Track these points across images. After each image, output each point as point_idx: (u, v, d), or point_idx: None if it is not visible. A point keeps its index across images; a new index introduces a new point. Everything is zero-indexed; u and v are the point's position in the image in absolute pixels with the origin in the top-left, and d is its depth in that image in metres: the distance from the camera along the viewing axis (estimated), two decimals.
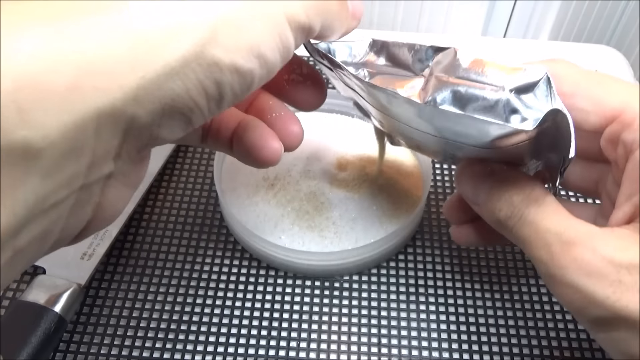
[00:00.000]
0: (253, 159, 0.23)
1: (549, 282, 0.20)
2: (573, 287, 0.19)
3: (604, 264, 0.19)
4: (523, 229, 0.21)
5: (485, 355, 0.30)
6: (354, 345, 0.30)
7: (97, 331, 0.30)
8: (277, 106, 0.24)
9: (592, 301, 0.19)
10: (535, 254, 0.21)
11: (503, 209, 0.22)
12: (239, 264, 0.33)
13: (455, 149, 0.23)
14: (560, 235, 0.20)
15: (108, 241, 0.33)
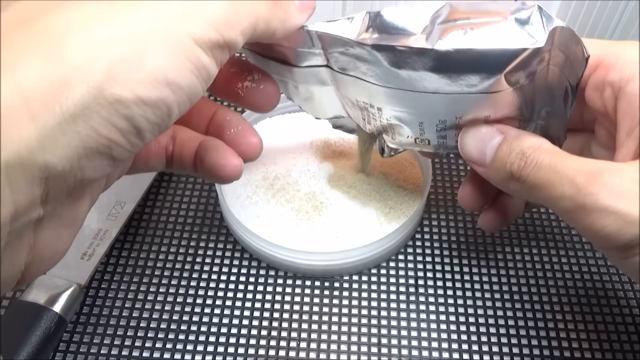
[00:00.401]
0: (216, 176, 0.24)
1: (578, 214, 0.20)
2: (606, 211, 0.19)
3: (635, 185, 0.19)
4: (540, 173, 0.21)
5: (485, 355, 0.30)
6: (354, 345, 0.30)
7: (97, 331, 0.30)
8: (235, 121, 0.25)
9: (627, 221, 0.19)
10: (557, 192, 0.21)
11: (515, 161, 0.22)
12: (239, 264, 0.33)
13: (460, 109, 0.23)
14: (582, 169, 0.20)
15: (108, 241, 0.32)
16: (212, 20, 0.17)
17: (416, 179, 0.35)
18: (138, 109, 0.17)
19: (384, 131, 0.27)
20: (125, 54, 0.16)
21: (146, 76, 0.16)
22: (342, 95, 0.27)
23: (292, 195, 0.34)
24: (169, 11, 0.17)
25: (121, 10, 0.16)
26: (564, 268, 0.33)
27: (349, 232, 0.33)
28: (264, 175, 0.35)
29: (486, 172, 0.24)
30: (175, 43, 0.17)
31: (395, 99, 0.24)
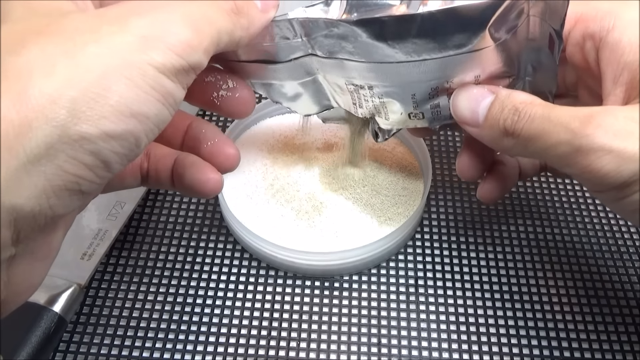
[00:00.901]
0: (198, 193, 0.24)
1: (575, 157, 0.20)
2: (603, 150, 0.19)
3: (629, 123, 0.20)
4: (534, 124, 0.21)
5: (485, 355, 0.30)
6: (354, 345, 0.30)
7: (97, 331, 0.30)
8: (211, 133, 0.25)
9: (625, 157, 0.19)
10: (552, 139, 0.21)
11: (508, 117, 0.22)
12: (239, 264, 0.33)
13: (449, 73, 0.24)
14: (575, 115, 0.20)
15: (108, 241, 0.32)
16: (173, 46, 0.17)
17: (416, 178, 0.35)
18: (104, 144, 0.17)
19: (377, 112, 0.27)
20: (87, 91, 0.16)
21: (110, 110, 0.16)
22: (330, 83, 0.27)
23: (292, 195, 0.34)
24: (130, 42, 0.17)
25: (82, 47, 0.16)
26: (564, 268, 0.33)
27: (348, 232, 0.33)
28: (263, 175, 0.35)
29: (479, 132, 0.24)
30: (137, 73, 0.17)
31: (385, 74, 0.24)
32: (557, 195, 0.37)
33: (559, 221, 0.36)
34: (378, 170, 0.35)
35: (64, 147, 0.16)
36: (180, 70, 0.18)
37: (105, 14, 0.17)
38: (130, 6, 0.18)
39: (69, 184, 0.16)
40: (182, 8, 0.18)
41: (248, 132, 0.39)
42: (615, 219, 0.36)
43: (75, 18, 0.17)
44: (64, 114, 0.16)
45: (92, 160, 0.17)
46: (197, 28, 0.18)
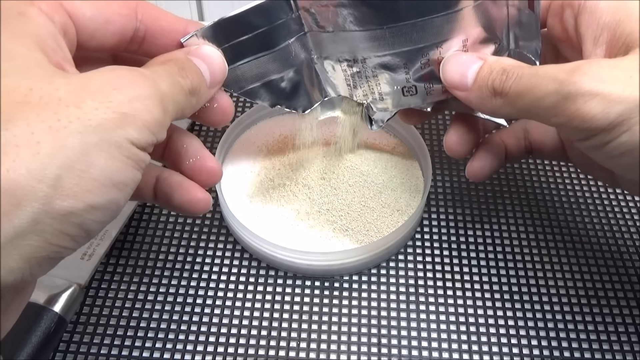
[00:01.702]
0: (187, 213, 0.25)
1: (563, 105, 0.21)
2: (590, 94, 0.20)
3: (614, 70, 0.21)
4: (522, 81, 0.22)
5: (485, 355, 0.30)
6: (354, 345, 0.30)
7: (97, 331, 0.30)
8: (192, 149, 0.25)
9: (611, 99, 0.20)
10: (541, 91, 0.22)
11: (497, 77, 0.23)
12: (239, 264, 0.33)
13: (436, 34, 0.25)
14: (562, 68, 0.21)
15: (108, 241, 0.32)
16: (148, 123, 0.19)
17: (416, 178, 0.35)
18: (89, 215, 0.17)
19: (371, 93, 0.28)
20: (72, 168, 0.17)
21: (94, 184, 0.17)
22: (325, 66, 0.28)
23: (292, 195, 0.34)
24: (109, 120, 0.18)
25: (65, 124, 0.17)
26: (564, 268, 0.33)
27: (349, 232, 0.33)
28: (263, 175, 0.35)
29: (467, 95, 0.25)
30: (116, 148, 0.18)
31: (378, 41, 0.25)
32: (557, 196, 0.37)
33: (559, 221, 0.36)
34: (378, 170, 0.35)
35: (51, 221, 0.17)
36: (150, 144, 0.19)
37: (88, 84, 0.18)
38: (111, 78, 0.18)
39: (52, 253, 0.17)
40: (156, 86, 0.19)
41: (248, 132, 0.39)
42: (616, 218, 0.36)
43: (59, 87, 0.17)
44: (50, 191, 0.16)
45: (77, 231, 0.18)
46: (165, 108, 0.20)
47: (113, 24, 0.22)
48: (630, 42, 0.22)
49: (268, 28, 0.25)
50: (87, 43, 0.21)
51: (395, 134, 0.38)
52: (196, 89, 0.22)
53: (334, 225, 0.33)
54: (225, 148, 0.37)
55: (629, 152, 0.21)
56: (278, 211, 0.34)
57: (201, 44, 0.24)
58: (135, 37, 0.23)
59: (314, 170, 0.35)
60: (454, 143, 0.28)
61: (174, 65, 0.22)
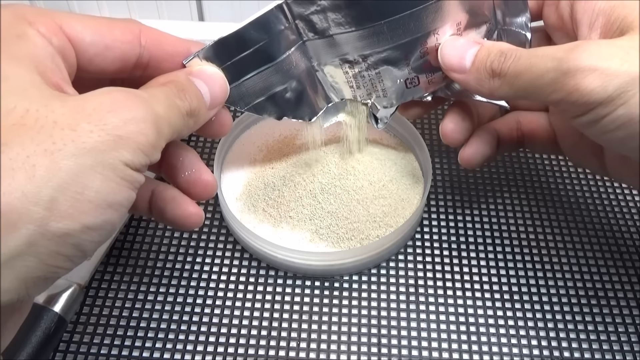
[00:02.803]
0: (180, 226, 0.25)
1: (562, 80, 0.22)
2: (589, 69, 0.21)
3: (611, 48, 0.22)
4: (520, 61, 0.23)
5: (485, 355, 0.30)
6: (354, 345, 0.30)
7: (97, 331, 0.30)
8: (188, 162, 0.25)
9: (609, 73, 0.21)
10: (540, 69, 0.23)
11: (495, 59, 0.24)
12: (239, 264, 0.33)
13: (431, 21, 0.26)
14: (560, 47, 0.22)
15: (108, 241, 0.32)
16: (143, 146, 0.19)
17: (416, 179, 0.35)
18: (85, 236, 0.18)
19: (374, 90, 0.29)
20: (67, 190, 0.17)
21: (89, 206, 0.18)
22: (326, 72, 0.29)
23: (292, 195, 0.34)
24: (103, 142, 0.18)
25: (60, 146, 0.17)
26: (564, 268, 0.33)
27: (349, 232, 0.33)
28: (263, 175, 0.35)
29: (465, 77, 0.26)
30: (110, 170, 0.18)
31: (377, 37, 0.26)
32: (557, 196, 0.37)
33: (559, 221, 0.36)
34: (378, 170, 0.35)
35: (47, 243, 0.17)
36: (144, 165, 0.19)
37: (83, 107, 0.18)
38: (106, 100, 0.19)
39: (49, 274, 0.18)
40: (151, 109, 0.19)
41: (248, 132, 0.39)
42: (616, 218, 0.36)
43: (55, 109, 0.18)
44: (45, 213, 0.17)
45: (74, 251, 0.18)
46: (160, 130, 0.20)
47: (114, 50, 0.22)
48: (624, 26, 0.23)
49: (267, 41, 0.26)
50: (87, 67, 0.21)
51: (395, 133, 0.38)
52: (194, 110, 0.22)
53: (334, 225, 0.33)
54: (225, 148, 0.37)
55: (624, 125, 0.22)
56: (278, 211, 0.34)
57: (203, 65, 0.24)
58: (139, 62, 0.23)
59: (314, 170, 0.35)
60: (449, 130, 0.29)
61: (174, 87, 0.22)
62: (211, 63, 0.25)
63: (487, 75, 0.25)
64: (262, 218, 0.34)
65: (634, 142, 0.22)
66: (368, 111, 0.31)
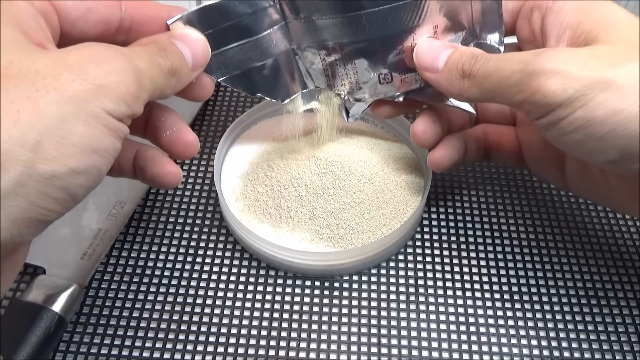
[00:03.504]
0: (159, 184, 0.26)
1: (526, 81, 0.23)
2: (552, 71, 0.22)
3: (575, 54, 0.23)
4: (490, 63, 0.25)
5: (485, 355, 0.30)
6: (354, 345, 0.30)
7: (97, 331, 0.30)
8: (170, 122, 0.26)
9: (570, 76, 0.22)
10: (506, 71, 0.24)
11: (466, 61, 0.26)
12: (239, 264, 0.33)
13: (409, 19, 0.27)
14: (527, 53, 0.24)
15: (108, 241, 0.33)
16: (123, 96, 0.20)
17: (416, 178, 0.35)
18: (72, 179, 0.19)
19: (349, 82, 0.30)
20: (51, 135, 0.18)
21: (73, 149, 0.18)
22: (304, 57, 0.29)
23: (292, 195, 0.34)
24: (86, 90, 0.19)
25: (43, 94, 0.18)
26: (564, 268, 0.33)
27: (348, 232, 0.33)
28: (263, 175, 0.35)
29: (437, 77, 0.27)
30: (93, 117, 0.19)
31: (355, 27, 0.27)
32: (557, 196, 0.37)
33: (559, 221, 0.36)
34: (378, 170, 0.35)
35: (36, 184, 0.18)
36: (126, 115, 0.20)
37: (65, 58, 0.19)
38: (89, 53, 0.19)
39: (39, 215, 0.18)
40: (132, 63, 0.20)
41: (248, 132, 0.39)
42: (616, 218, 0.36)
43: (36, 60, 0.18)
44: (31, 156, 0.17)
45: (62, 194, 0.19)
46: (141, 83, 0.21)
47: (96, 13, 0.22)
48: (589, 39, 0.24)
49: (251, 15, 0.27)
50: (69, 31, 0.22)
51: (396, 134, 0.38)
52: (176, 70, 0.23)
53: (334, 225, 0.33)
54: (225, 148, 0.37)
55: (581, 127, 0.23)
56: (278, 211, 0.34)
57: (186, 29, 0.25)
58: (121, 27, 0.24)
59: (314, 170, 0.35)
60: (419, 131, 0.31)
61: (155, 47, 0.22)
62: (193, 28, 0.25)
63: (458, 75, 0.26)
64: (262, 218, 0.34)
65: (589, 144, 0.23)
66: (341, 102, 0.32)
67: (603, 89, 0.22)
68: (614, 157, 0.23)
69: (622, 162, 0.23)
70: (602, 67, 0.22)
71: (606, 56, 0.23)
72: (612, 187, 0.28)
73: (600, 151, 0.23)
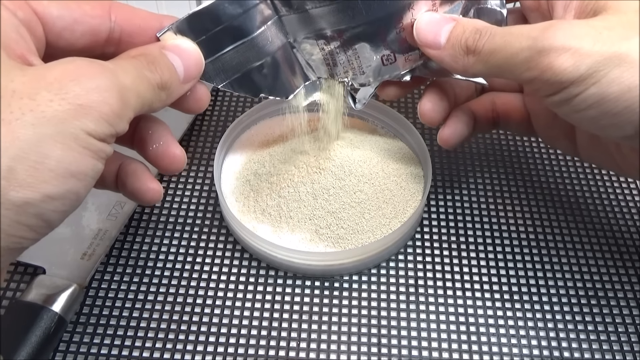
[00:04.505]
0: (139, 200, 0.25)
1: (536, 59, 0.22)
2: (563, 48, 0.22)
3: (585, 28, 0.22)
4: (495, 39, 0.24)
5: (485, 355, 0.30)
6: (354, 345, 0.30)
7: (97, 331, 0.30)
8: (157, 135, 0.25)
9: (582, 53, 0.21)
10: (514, 47, 0.23)
11: (470, 36, 0.25)
12: (239, 264, 0.33)
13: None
14: (535, 27, 0.23)
15: (108, 241, 0.33)
16: (106, 115, 0.19)
17: (416, 178, 0.35)
18: (47, 205, 0.18)
19: (351, 68, 0.29)
20: (25, 160, 0.17)
21: (50, 175, 0.17)
22: (302, 50, 0.29)
23: (292, 195, 0.34)
24: (64, 111, 0.18)
25: (19, 115, 0.17)
26: (564, 268, 0.33)
27: (348, 232, 0.33)
28: (263, 175, 0.35)
29: (440, 54, 0.26)
30: (72, 139, 0.18)
31: (351, 12, 0.27)
32: (557, 196, 0.37)
33: (559, 221, 0.36)
34: (378, 170, 0.35)
35: (7, 212, 0.17)
36: (108, 135, 0.19)
37: (44, 76, 0.18)
38: (69, 69, 0.18)
39: (12, 244, 0.18)
40: (117, 79, 0.19)
41: (247, 132, 0.39)
42: (616, 218, 0.36)
43: (14, 78, 0.17)
44: (3, 183, 0.16)
45: (36, 221, 0.18)
46: (126, 100, 0.20)
47: (83, 24, 0.22)
48: (597, 8, 0.23)
49: (242, 15, 0.26)
50: (56, 42, 0.21)
51: (395, 133, 0.38)
52: (166, 83, 0.22)
53: (334, 225, 0.33)
54: (225, 148, 0.37)
55: (595, 104, 0.22)
56: (278, 211, 0.34)
57: (178, 39, 0.24)
58: (111, 38, 0.23)
59: (314, 170, 0.35)
60: (428, 110, 0.30)
61: (144, 60, 0.22)
62: (185, 37, 0.24)
63: (462, 52, 0.25)
64: (262, 218, 0.34)
65: (604, 120, 0.23)
66: (345, 90, 0.31)
67: (617, 64, 0.21)
68: (631, 132, 0.22)
69: None
70: (615, 41, 0.21)
71: (618, 27, 0.22)
72: (625, 156, 0.27)
73: (616, 127, 0.22)
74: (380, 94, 0.31)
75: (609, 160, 0.29)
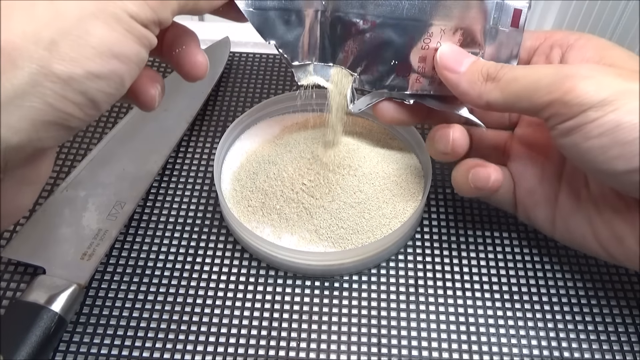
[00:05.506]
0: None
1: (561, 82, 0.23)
2: (588, 76, 0.23)
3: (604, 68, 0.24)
4: (517, 69, 0.25)
5: (485, 355, 0.30)
6: (354, 345, 0.30)
7: (97, 331, 0.30)
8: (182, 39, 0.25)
9: (604, 83, 0.23)
10: (538, 73, 0.24)
11: (491, 67, 0.26)
12: (239, 264, 0.33)
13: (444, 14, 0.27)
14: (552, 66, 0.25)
15: (108, 241, 0.32)
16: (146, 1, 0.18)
17: (416, 178, 0.35)
18: (92, 83, 0.17)
19: (366, 60, 0.29)
20: (68, 32, 0.17)
21: (93, 52, 0.17)
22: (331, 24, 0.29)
23: (292, 195, 0.34)
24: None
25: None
26: (564, 268, 0.33)
27: (348, 232, 0.33)
28: (263, 175, 0.35)
29: (458, 78, 0.27)
30: (113, 19, 0.18)
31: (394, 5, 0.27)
32: None
33: None
34: (378, 170, 0.35)
35: (51, 85, 0.17)
36: (151, 22, 0.19)
37: None
38: None
39: (59, 119, 0.17)
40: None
41: (248, 131, 0.39)
42: None
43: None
44: (45, 54, 0.16)
45: (82, 99, 0.18)
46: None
47: None
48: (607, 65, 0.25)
49: None
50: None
51: (396, 134, 0.38)
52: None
53: (334, 225, 0.33)
54: (225, 148, 0.37)
55: (609, 130, 0.23)
56: (278, 211, 0.34)
57: None
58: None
59: (314, 170, 0.35)
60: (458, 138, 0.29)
61: None
62: None
63: (481, 78, 0.26)
64: (262, 218, 0.34)
65: (614, 150, 0.23)
66: (352, 82, 0.31)
67: (636, 97, 0.22)
68: (636, 165, 0.22)
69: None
70: (634, 80, 0.23)
71: (634, 73, 0.24)
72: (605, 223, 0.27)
73: (624, 159, 0.23)
74: (376, 113, 0.31)
75: (586, 237, 0.28)
